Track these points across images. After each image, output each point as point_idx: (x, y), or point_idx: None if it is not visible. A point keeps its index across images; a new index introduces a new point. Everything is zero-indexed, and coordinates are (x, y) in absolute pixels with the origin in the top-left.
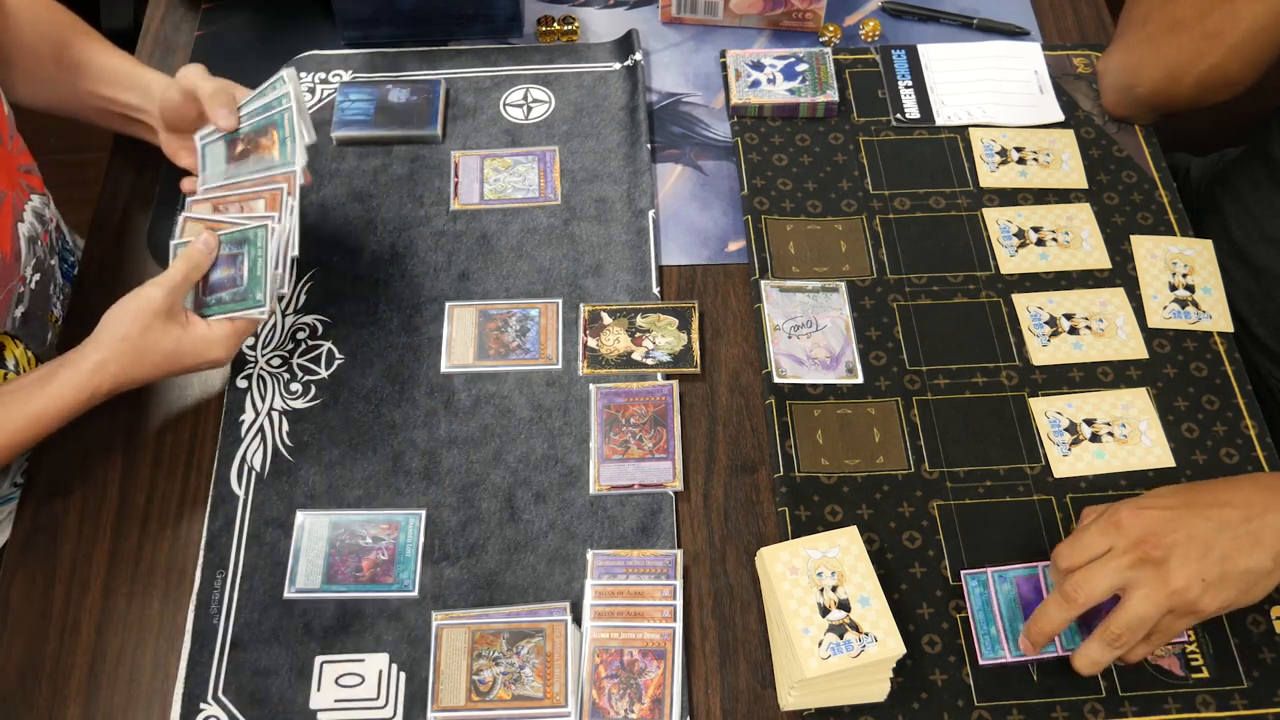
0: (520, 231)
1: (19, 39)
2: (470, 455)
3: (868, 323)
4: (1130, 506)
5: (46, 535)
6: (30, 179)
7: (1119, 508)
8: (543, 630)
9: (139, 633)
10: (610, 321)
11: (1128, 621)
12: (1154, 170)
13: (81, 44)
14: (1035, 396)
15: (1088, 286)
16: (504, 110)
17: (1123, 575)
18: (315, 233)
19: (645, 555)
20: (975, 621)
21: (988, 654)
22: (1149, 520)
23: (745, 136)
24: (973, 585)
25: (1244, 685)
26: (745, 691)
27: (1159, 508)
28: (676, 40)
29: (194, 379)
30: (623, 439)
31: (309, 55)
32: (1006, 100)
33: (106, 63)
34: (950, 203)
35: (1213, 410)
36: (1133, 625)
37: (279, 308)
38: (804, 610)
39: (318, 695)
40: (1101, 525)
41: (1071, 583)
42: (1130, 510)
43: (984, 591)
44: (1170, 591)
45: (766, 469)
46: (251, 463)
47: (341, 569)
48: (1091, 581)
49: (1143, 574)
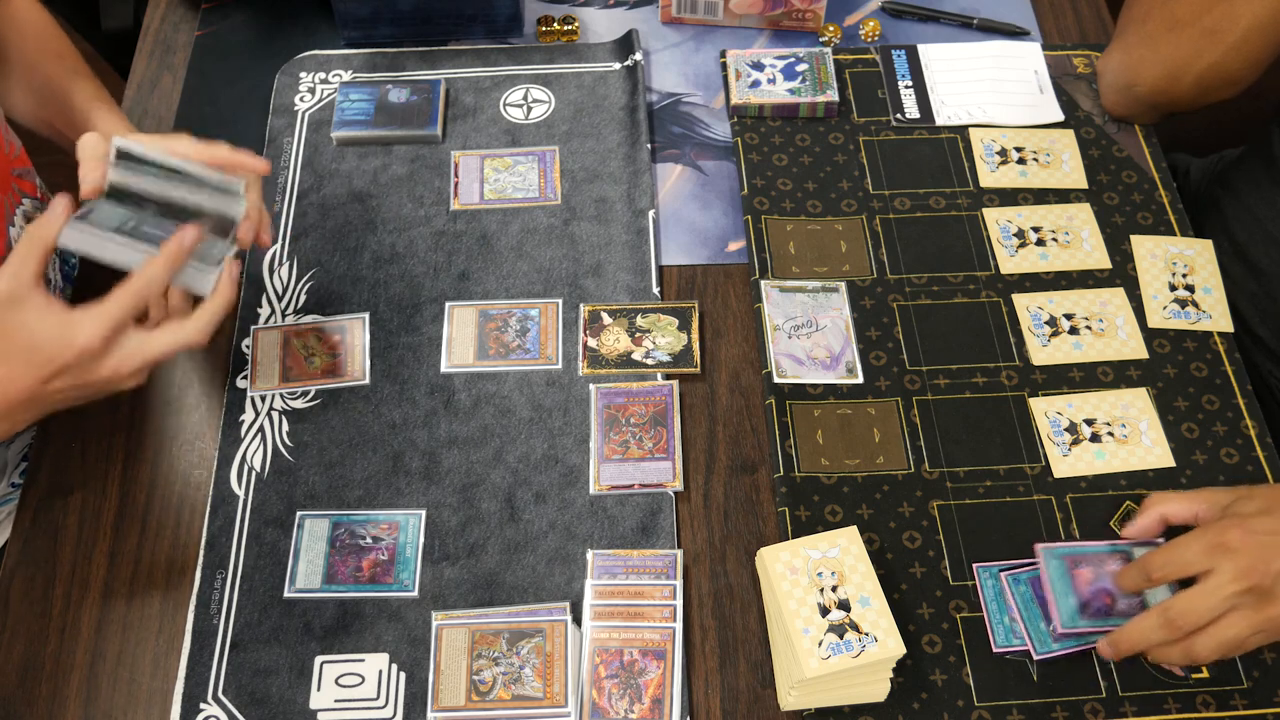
0: (520, 231)
1: (23, 50)
2: (470, 455)
3: (868, 323)
4: (1239, 528)
5: (46, 535)
6: (23, 183)
7: (1227, 528)
8: (543, 630)
9: (139, 633)
10: (610, 321)
11: (1220, 641)
12: (1154, 170)
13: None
14: (1035, 396)
15: (1088, 286)
16: (504, 110)
17: (1230, 603)
18: (315, 233)
19: (645, 555)
20: (988, 612)
21: (1001, 642)
22: (1260, 546)
23: (745, 136)
24: (985, 577)
25: (1244, 685)
26: (745, 691)
27: (1266, 532)
28: (676, 40)
29: (194, 379)
30: (623, 439)
31: (309, 55)
32: (1006, 100)
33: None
34: (950, 203)
35: (1213, 410)
36: (1226, 645)
37: (277, 305)
38: (804, 610)
39: (318, 695)
40: (1207, 546)
41: (1177, 610)
42: (1241, 533)
43: (997, 583)
44: (1268, 616)
45: (766, 469)
46: (251, 463)
47: (341, 569)
48: (1199, 610)
49: (1248, 600)
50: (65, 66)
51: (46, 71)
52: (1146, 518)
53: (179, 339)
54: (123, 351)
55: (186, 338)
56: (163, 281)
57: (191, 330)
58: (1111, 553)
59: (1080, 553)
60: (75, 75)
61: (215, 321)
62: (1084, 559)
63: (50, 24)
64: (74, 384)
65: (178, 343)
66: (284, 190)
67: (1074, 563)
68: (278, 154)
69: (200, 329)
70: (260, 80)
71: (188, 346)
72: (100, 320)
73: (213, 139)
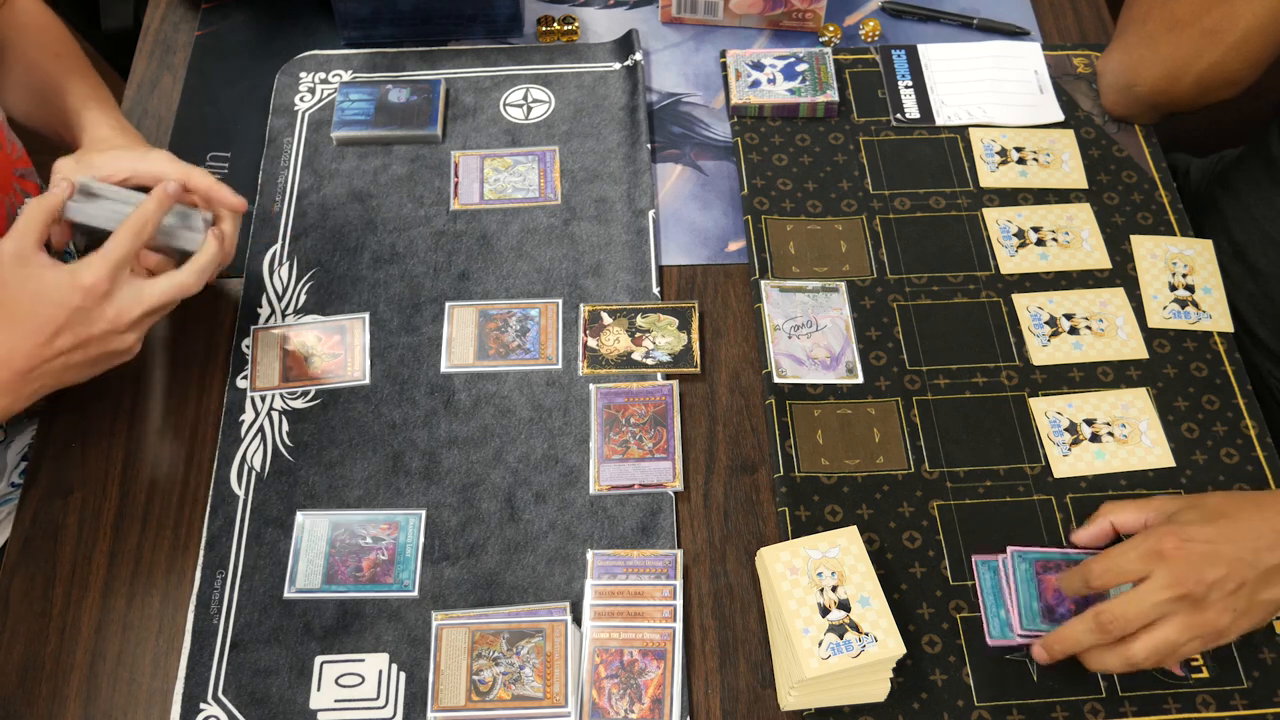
0: (520, 231)
1: (22, 49)
2: (470, 455)
3: (868, 323)
4: (1174, 536)
5: (46, 535)
6: (25, 183)
7: (1163, 536)
8: (543, 630)
9: (139, 633)
10: (610, 321)
11: (1155, 646)
12: (1154, 170)
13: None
14: (1035, 396)
15: (1088, 286)
16: (504, 110)
17: (1161, 609)
18: (315, 233)
19: (645, 555)
20: (984, 605)
21: (996, 635)
22: (1193, 555)
23: (745, 136)
24: (983, 570)
25: (1244, 685)
26: (745, 691)
27: (1202, 541)
28: (676, 40)
29: (194, 378)
30: (623, 439)
31: (309, 55)
32: (1006, 100)
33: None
34: (950, 203)
35: (1213, 410)
36: (1160, 650)
37: (278, 301)
38: (804, 610)
39: (318, 695)
40: (1143, 553)
41: (1109, 614)
42: (1175, 542)
43: (994, 577)
44: (1202, 622)
45: (766, 469)
46: (251, 463)
47: (341, 569)
48: (1129, 616)
49: (1180, 607)
50: (63, 66)
51: (45, 71)
52: (1097, 525)
53: (174, 284)
54: (122, 295)
55: (182, 282)
56: (156, 219)
57: (187, 273)
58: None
59: (1050, 558)
60: (72, 75)
61: (208, 269)
62: (1053, 564)
63: (53, 24)
64: (77, 340)
65: (173, 288)
66: (284, 190)
67: (1042, 567)
68: (278, 154)
69: (195, 272)
70: (260, 80)
71: (183, 292)
72: (103, 258)
73: (212, 139)
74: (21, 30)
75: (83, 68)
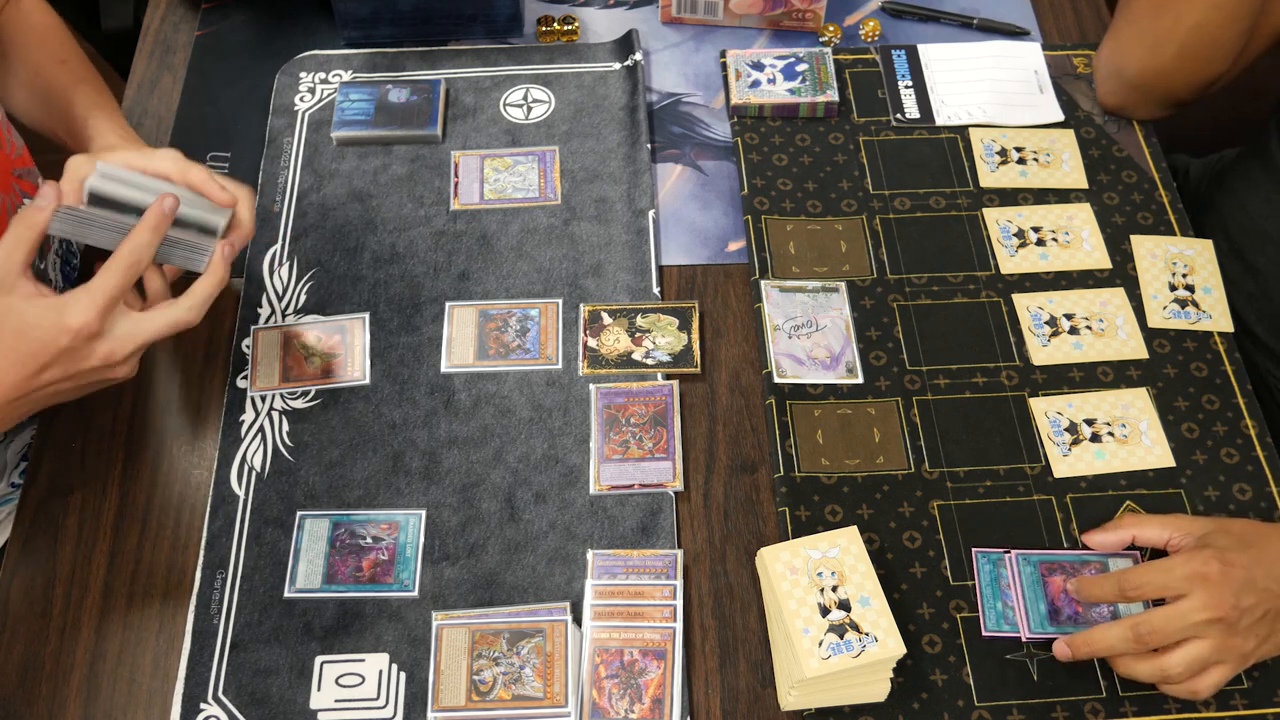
0: (520, 231)
1: (27, 53)
2: (470, 455)
3: (868, 323)
4: (1218, 561)
5: (46, 535)
6: (24, 183)
7: (1208, 560)
8: (543, 630)
9: (139, 633)
10: (610, 321)
11: (1189, 661)
12: (1154, 170)
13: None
14: (1035, 396)
15: (1088, 286)
16: (504, 110)
17: (1197, 630)
18: (315, 233)
19: (645, 555)
20: (981, 596)
21: (991, 626)
22: (1234, 581)
23: (745, 136)
24: (983, 562)
25: (1244, 685)
26: (745, 691)
27: (1240, 567)
28: (676, 40)
29: (194, 379)
30: (623, 439)
31: (309, 55)
32: (1006, 100)
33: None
34: (950, 203)
35: (1213, 410)
36: (1193, 666)
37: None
38: (804, 610)
39: (318, 695)
40: (1188, 574)
41: (1148, 626)
42: (1220, 567)
43: (994, 569)
44: (1232, 645)
45: (766, 469)
46: (251, 463)
47: (341, 569)
48: (1167, 631)
49: (1214, 629)
50: (68, 71)
51: (50, 76)
52: (1117, 536)
53: (172, 318)
54: (116, 333)
55: (179, 316)
56: (150, 248)
57: (185, 309)
58: (1085, 563)
59: (1053, 560)
60: (78, 81)
61: (208, 299)
62: (1058, 566)
63: (57, 28)
64: (66, 374)
65: (171, 322)
66: (284, 190)
67: (1047, 569)
68: (278, 154)
69: (193, 307)
70: (260, 80)
71: (181, 326)
72: (91, 297)
73: (212, 139)
74: (26, 32)
75: (88, 74)
